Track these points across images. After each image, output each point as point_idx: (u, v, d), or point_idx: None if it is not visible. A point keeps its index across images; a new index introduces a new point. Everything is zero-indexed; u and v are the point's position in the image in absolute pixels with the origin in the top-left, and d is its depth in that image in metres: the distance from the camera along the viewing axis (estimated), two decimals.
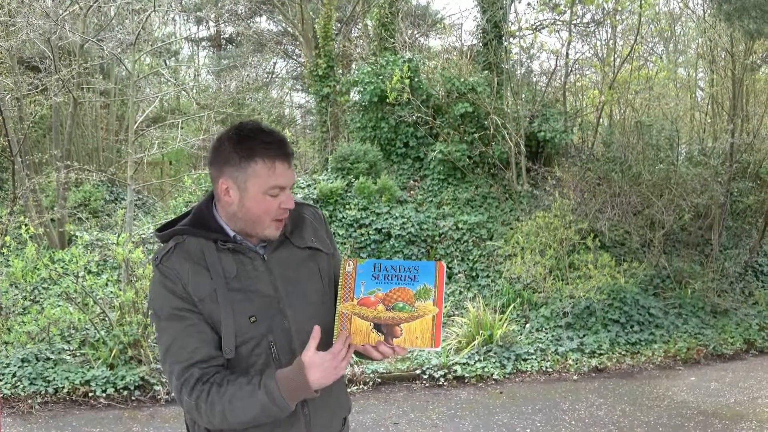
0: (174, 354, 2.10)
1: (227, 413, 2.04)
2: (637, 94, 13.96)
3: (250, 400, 2.03)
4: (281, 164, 2.13)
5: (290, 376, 2.04)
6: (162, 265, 2.14)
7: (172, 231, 2.21)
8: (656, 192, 11.28)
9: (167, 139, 13.41)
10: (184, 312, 2.10)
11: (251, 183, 2.12)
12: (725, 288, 11.31)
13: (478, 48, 14.57)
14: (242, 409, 2.03)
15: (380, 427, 6.83)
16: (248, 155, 2.10)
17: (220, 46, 26.13)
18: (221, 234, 2.19)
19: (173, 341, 2.10)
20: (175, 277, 2.11)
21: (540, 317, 9.98)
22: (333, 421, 2.35)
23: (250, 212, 2.15)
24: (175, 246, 2.17)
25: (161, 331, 2.13)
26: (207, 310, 2.10)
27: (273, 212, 2.15)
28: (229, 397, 2.04)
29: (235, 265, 2.16)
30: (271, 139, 2.13)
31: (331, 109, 14.83)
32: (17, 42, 11.37)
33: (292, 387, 2.04)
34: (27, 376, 7.57)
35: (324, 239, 2.40)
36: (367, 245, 11.43)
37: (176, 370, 2.09)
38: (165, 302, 2.11)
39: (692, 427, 6.85)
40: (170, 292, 2.10)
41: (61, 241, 11.72)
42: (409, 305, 2.12)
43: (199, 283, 2.11)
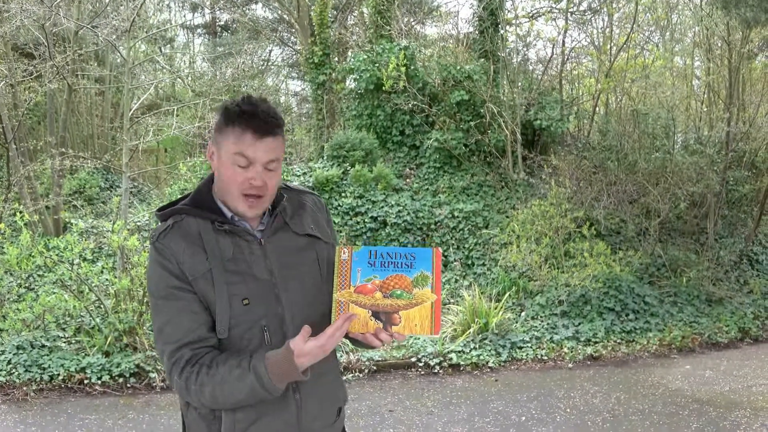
0: (167, 334, 2.10)
1: (217, 394, 2.04)
2: (633, 82, 13.94)
3: (240, 383, 2.03)
4: (252, 135, 2.09)
5: (279, 361, 2.03)
6: (158, 243, 2.13)
7: (171, 210, 2.21)
8: (652, 180, 11.29)
9: (162, 126, 13.35)
10: (179, 291, 2.09)
11: (224, 148, 2.12)
12: (720, 276, 11.33)
13: (474, 36, 14.55)
14: (231, 391, 2.04)
15: (376, 415, 6.84)
16: (227, 119, 2.11)
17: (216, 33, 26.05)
18: (219, 215, 2.19)
19: (167, 321, 2.10)
20: (170, 255, 2.11)
21: (535, 305, 9.99)
22: (325, 410, 2.33)
23: (222, 180, 2.15)
24: (172, 225, 2.16)
25: (155, 309, 2.13)
26: (201, 290, 2.10)
27: (240, 184, 2.12)
28: (219, 378, 2.04)
29: (232, 247, 2.15)
30: (250, 110, 2.10)
31: (327, 97, 14.80)
32: (11, 28, 11.31)
33: (281, 371, 2.03)
34: (22, 364, 7.56)
35: (324, 228, 2.39)
36: (362, 233, 11.42)
37: (167, 350, 2.10)
38: (160, 281, 2.11)
39: (687, 415, 6.87)
40: (165, 270, 2.10)
41: (56, 228, 11.71)
42: (407, 292, 2.11)
43: (195, 263, 2.10)
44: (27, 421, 6.61)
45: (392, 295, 2.11)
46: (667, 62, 15.00)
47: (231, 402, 2.07)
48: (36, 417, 6.74)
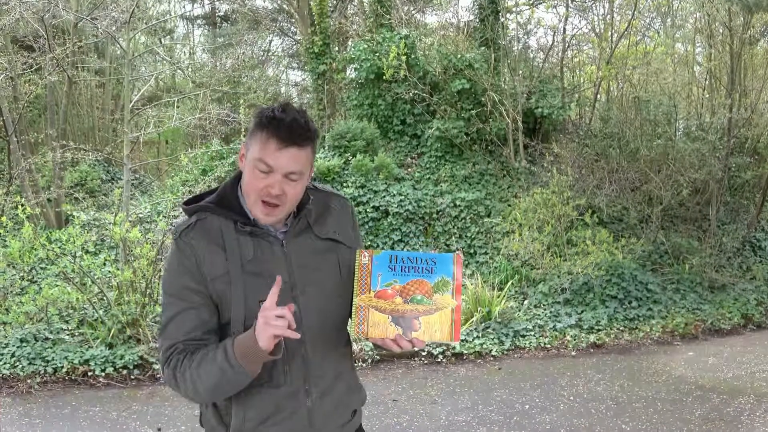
0: (168, 331, 2.12)
1: (195, 378, 2.04)
2: (634, 69, 13.90)
3: (212, 364, 2.02)
4: (276, 144, 2.07)
5: (243, 338, 2.01)
6: (180, 239, 2.14)
7: (197, 207, 2.20)
8: (654, 168, 11.27)
9: (163, 117, 13.35)
10: (191, 293, 2.10)
11: (250, 152, 2.11)
12: (723, 263, 11.33)
13: (474, 24, 14.50)
14: (206, 374, 2.03)
15: (380, 404, 6.85)
16: (258, 124, 2.10)
17: (215, 24, 25.96)
18: (243, 216, 2.17)
19: (171, 318, 2.11)
20: (190, 253, 2.11)
21: (538, 293, 9.99)
22: (339, 412, 2.32)
23: (244, 182, 2.14)
24: (196, 222, 2.16)
25: (165, 304, 2.14)
26: (218, 290, 2.10)
27: (259, 190, 2.10)
28: (196, 362, 2.04)
29: (253, 248, 2.14)
30: (279, 116, 2.08)
31: (328, 87, 14.77)
32: (10, 21, 11.28)
33: (243, 344, 1.99)
34: (26, 356, 7.57)
35: (348, 232, 2.35)
36: (365, 223, 11.41)
37: (165, 345, 2.11)
38: (175, 278, 2.12)
39: (690, 401, 6.87)
40: (183, 267, 2.11)
41: (58, 221, 11.71)
42: (428, 298, 2.09)
43: (214, 262, 2.10)
44: (31, 414, 6.62)
45: (412, 301, 2.09)
46: (668, 49, 14.96)
47: (207, 386, 2.04)
48: (40, 410, 6.75)
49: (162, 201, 11.61)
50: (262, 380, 2.11)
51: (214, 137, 14.49)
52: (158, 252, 8.47)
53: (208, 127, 14.17)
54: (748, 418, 6.40)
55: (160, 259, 8.55)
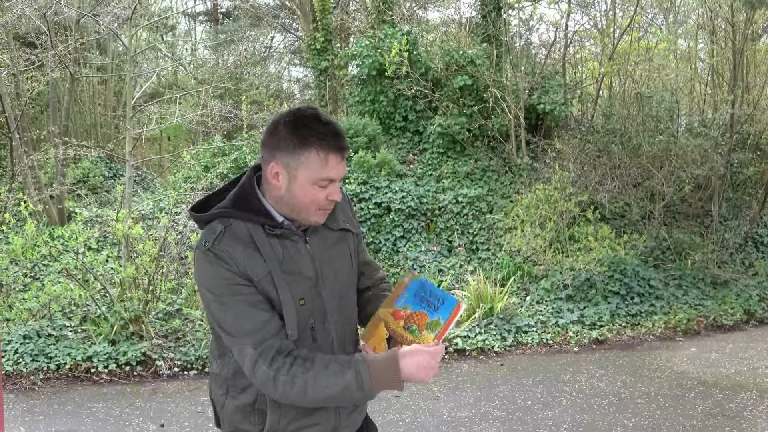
0: (243, 327, 2.06)
1: (309, 387, 2.01)
2: (636, 65, 13.88)
3: (336, 378, 2.01)
4: (334, 157, 2.10)
5: (382, 361, 2.04)
6: (215, 248, 2.09)
7: (217, 213, 2.17)
8: (656, 164, 11.26)
9: (165, 114, 13.35)
10: (245, 287, 2.07)
11: (302, 171, 2.09)
12: (725, 259, 11.32)
13: (476, 20, 14.49)
14: (326, 385, 2.01)
15: (381, 400, 6.85)
16: (303, 143, 2.07)
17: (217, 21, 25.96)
18: (269, 218, 2.17)
19: (239, 314, 2.07)
20: (230, 259, 2.07)
21: (540, 290, 9.99)
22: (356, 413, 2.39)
23: (297, 199, 2.13)
24: (224, 229, 2.13)
25: (222, 306, 2.08)
26: (266, 291, 2.09)
27: (319, 202, 2.14)
28: (314, 372, 2.02)
29: (282, 249, 2.14)
30: (327, 131, 2.09)
31: (330, 83, 14.76)
32: (12, 17, 11.27)
33: (381, 371, 2.02)
34: (29, 353, 7.59)
35: (352, 220, 2.44)
36: (366, 219, 11.40)
37: (251, 340, 2.05)
38: (223, 279, 2.07)
39: (692, 397, 6.87)
40: (229, 270, 2.07)
41: (61, 217, 11.72)
42: (418, 331, 2.16)
43: (254, 266, 2.08)
44: (34, 410, 6.64)
45: (408, 329, 2.17)
46: (670, 45, 14.93)
47: (320, 397, 2.03)
48: (43, 406, 6.77)
49: (164, 198, 11.62)
50: None
51: (216, 134, 14.49)
52: (161, 249, 8.49)
53: (210, 124, 14.17)
54: (751, 413, 6.41)
55: (162, 255, 8.57)
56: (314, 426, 2.21)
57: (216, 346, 2.28)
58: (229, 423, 2.24)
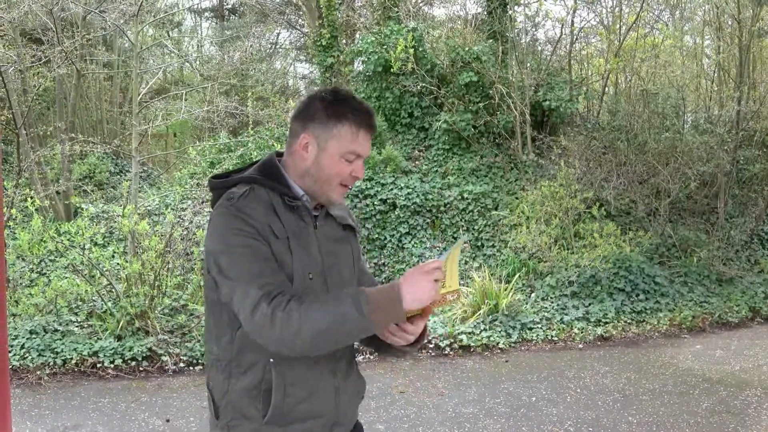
0: (253, 270, 2.05)
1: (303, 320, 1.97)
2: (643, 62, 13.87)
3: (334, 308, 1.98)
4: (365, 133, 2.19)
5: (382, 290, 2.03)
6: (239, 203, 2.11)
7: (242, 178, 2.22)
8: (662, 160, 11.25)
9: (171, 110, 13.39)
10: (258, 242, 2.08)
11: (332, 143, 2.17)
12: (731, 256, 11.31)
13: (482, 16, 14.48)
14: (322, 317, 1.97)
15: (386, 396, 6.87)
16: (338, 116, 2.16)
17: (223, 17, 25.98)
18: (289, 190, 2.21)
19: (250, 260, 2.06)
20: (254, 215, 2.09)
21: (545, 286, 9.99)
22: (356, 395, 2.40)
23: (323, 171, 2.18)
24: (248, 190, 2.16)
25: (232, 255, 2.07)
26: (280, 253, 2.10)
27: (343, 177, 2.19)
28: (311, 305, 1.99)
29: (296, 223, 2.18)
30: (361, 108, 2.19)
31: (335, 80, 14.76)
32: (19, 14, 11.32)
33: (381, 299, 2.00)
34: (35, 348, 7.62)
35: (355, 220, 2.47)
36: (372, 216, 11.42)
37: (256, 283, 2.03)
38: (240, 230, 2.08)
39: (697, 394, 6.88)
40: (247, 223, 2.08)
41: (67, 213, 11.76)
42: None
43: (275, 228, 2.11)
44: (41, 405, 6.67)
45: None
46: (676, 41, 14.92)
47: (318, 330, 1.97)
48: (50, 401, 6.80)
49: (170, 194, 11.65)
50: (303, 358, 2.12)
51: (222, 130, 14.53)
52: (166, 244, 8.51)
53: (216, 120, 14.18)
54: (755, 410, 6.41)
55: (168, 251, 8.60)
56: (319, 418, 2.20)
57: (215, 328, 2.23)
58: (233, 409, 2.18)
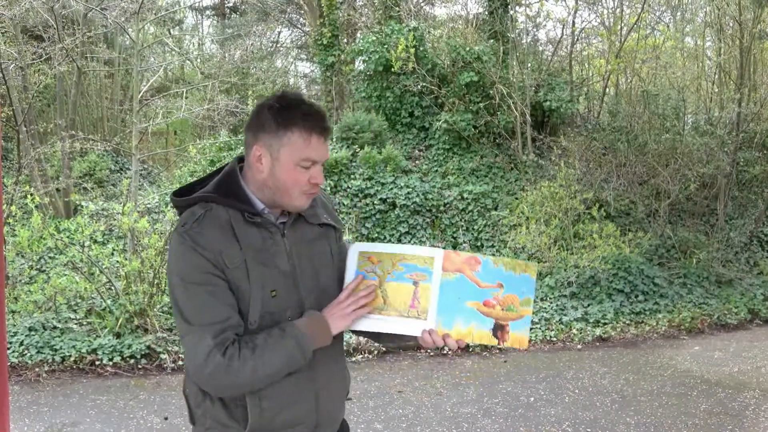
0: (207, 316, 2.05)
1: (258, 367, 2.02)
2: (643, 63, 13.89)
3: (278, 351, 2.04)
4: (317, 137, 2.11)
5: (310, 321, 2.10)
6: (192, 231, 2.08)
7: (199, 197, 2.17)
8: (662, 162, 11.25)
9: (172, 108, 13.37)
10: (214, 277, 2.06)
11: (285, 152, 2.10)
12: (730, 258, 11.31)
13: (483, 16, 14.48)
14: (270, 361, 2.03)
15: (385, 395, 6.87)
16: (286, 124, 2.09)
17: (224, 15, 25.97)
18: (249, 206, 2.17)
19: (203, 304, 2.05)
20: (206, 243, 2.06)
21: (545, 287, 10.00)
22: (339, 397, 2.38)
23: (280, 182, 2.13)
24: (204, 213, 2.12)
25: (188, 293, 2.07)
26: (235, 280, 2.08)
27: (302, 185, 2.13)
28: (260, 350, 2.03)
29: (260, 239, 2.14)
30: (310, 111, 2.12)
31: (336, 79, 14.77)
32: (20, 11, 11.31)
33: (314, 330, 2.09)
34: (34, 345, 7.61)
35: (335, 216, 2.42)
36: (372, 215, 11.42)
37: (211, 331, 2.03)
38: (195, 266, 2.06)
39: (696, 395, 6.88)
40: (202, 256, 2.05)
41: (67, 210, 11.76)
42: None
43: (230, 253, 2.07)
44: (39, 402, 6.67)
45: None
46: (677, 42, 14.93)
47: (268, 373, 2.04)
48: (48, 398, 6.80)
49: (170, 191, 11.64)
50: None
51: (223, 128, 14.52)
52: (166, 242, 8.51)
53: (217, 118, 14.18)
54: (753, 412, 6.41)
55: (167, 249, 8.59)
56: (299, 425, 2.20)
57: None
58: (210, 418, 2.19)
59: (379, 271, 2.15)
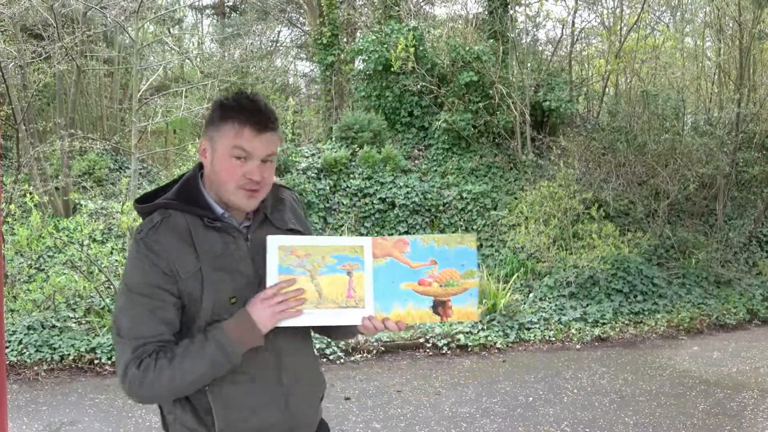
0: (135, 330, 2.04)
1: (175, 375, 2.00)
2: (643, 63, 13.87)
3: (199, 357, 2.01)
4: (251, 130, 2.09)
5: (236, 323, 2.04)
6: (148, 238, 2.08)
7: (157, 204, 2.16)
8: (661, 162, 11.25)
9: (171, 107, 13.36)
10: (161, 291, 2.05)
11: (220, 143, 2.10)
12: (729, 258, 11.31)
13: (483, 16, 14.48)
14: (191, 368, 2.01)
15: (384, 395, 6.87)
16: (223, 115, 2.11)
17: (224, 14, 25.94)
18: (209, 211, 2.16)
19: (138, 317, 2.05)
20: (161, 251, 2.06)
21: (543, 287, 10.00)
22: (311, 398, 2.35)
23: (217, 174, 2.12)
24: (161, 220, 2.11)
25: (130, 301, 2.07)
26: (189, 288, 2.06)
27: (237, 178, 2.10)
28: (178, 358, 2.01)
29: (221, 243, 2.12)
30: (249, 106, 2.11)
31: (336, 78, 14.77)
32: (20, 9, 11.30)
33: (240, 332, 2.03)
34: (33, 344, 7.62)
35: (304, 222, 2.39)
36: (371, 215, 11.42)
37: (132, 345, 2.03)
38: (145, 276, 2.05)
39: (694, 396, 6.88)
40: (154, 266, 2.05)
41: (66, 209, 11.75)
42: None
43: (186, 261, 2.06)
44: (38, 401, 6.67)
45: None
46: (677, 43, 14.92)
47: (189, 380, 2.03)
48: (47, 396, 6.80)
49: None
50: (240, 377, 2.12)
51: None
52: None
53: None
54: (752, 412, 6.41)
55: None
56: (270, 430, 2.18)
57: None
58: (180, 425, 2.18)
59: (309, 265, 2.12)
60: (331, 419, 5.93)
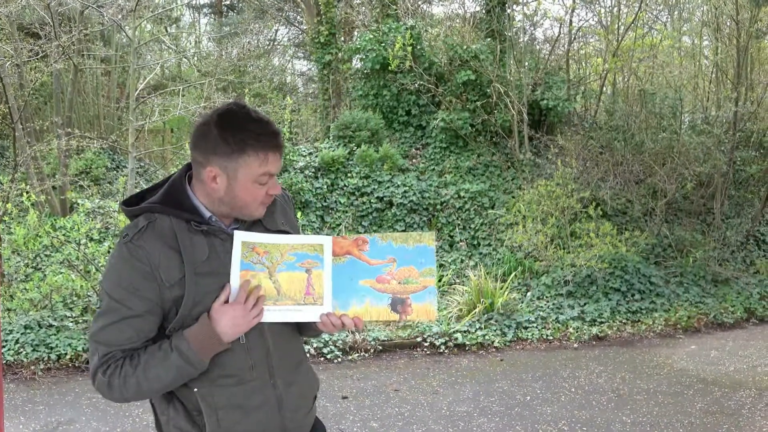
0: (108, 336, 2.04)
1: (141, 382, 2.01)
2: (640, 62, 13.88)
3: (164, 365, 2.01)
4: (273, 155, 2.07)
5: (199, 331, 2.02)
6: (132, 243, 2.05)
7: (143, 208, 2.13)
8: (659, 161, 11.26)
9: (168, 106, 13.33)
10: (139, 300, 2.03)
11: (242, 173, 2.05)
12: (727, 257, 11.32)
13: (481, 15, 14.47)
14: (157, 375, 2.01)
15: (381, 394, 6.87)
16: (240, 148, 2.04)
17: (221, 13, 25.93)
18: (196, 215, 2.13)
19: (112, 324, 2.03)
20: (144, 257, 2.03)
21: (541, 286, 10.00)
22: (304, 400, 2.33)
23: (238, 199, 2.09)
24: (147, 224, 2.08)
25: (107, 307, 2.05)
26: (174, 296, 2.05)
27: (261, 198, 2.11)
28: (143, 366, 2.01)
29: (207, 247, 2.10)
30: (262, 131, 2.06)
31: (333, 77, 14.75)
32: (17, 8, 11.29)
33: (202, 341, 2.01)
34: (30, 343, 7.61)
35: (293, 222, 2.38)
36: (368, 213, 11.42)
37: (102, 351, 2.04)
38: (125, 283, 2.03)
39: (692, 394, 6.88)
40: (136, 272, 2.02)
41: (63, 208, 11.73)
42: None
43: (170, 267, 2.04)
44: (35, 400, 6.66)
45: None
46: (674, 41, 14.93)
47: (157, 387, 2.04)
48: (44, 396, 6.79)
49: None
50: (228, 379, 2.11)
51: None
52: None
53: None
54: (749, 411, 6.41)
55: None
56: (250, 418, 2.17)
57: None
58: (174, 426, 2.18)
59: (267, 262, 2.12)
60: (328, 418, 5.93)
